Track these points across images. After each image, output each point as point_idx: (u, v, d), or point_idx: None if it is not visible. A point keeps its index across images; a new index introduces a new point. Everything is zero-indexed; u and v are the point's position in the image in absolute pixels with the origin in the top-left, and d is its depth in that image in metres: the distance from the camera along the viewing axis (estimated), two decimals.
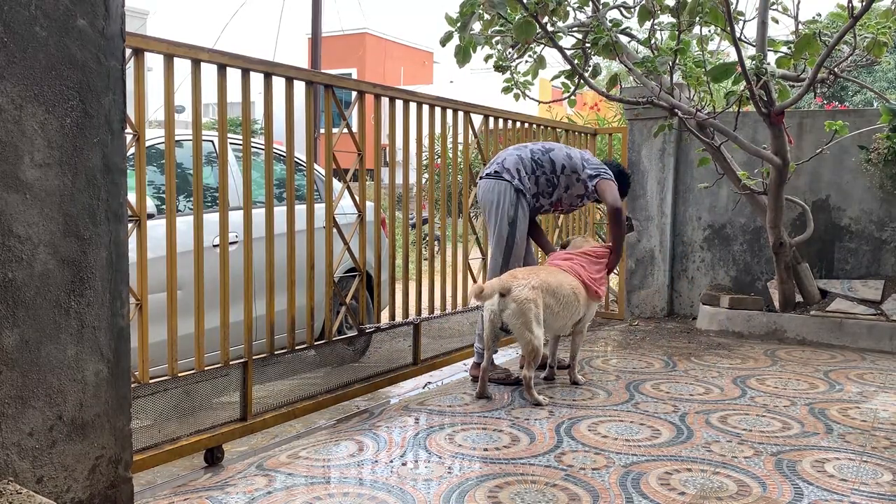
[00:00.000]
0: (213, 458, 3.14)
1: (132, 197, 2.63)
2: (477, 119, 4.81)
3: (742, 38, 4.82)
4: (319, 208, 3.68)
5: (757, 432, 3.34)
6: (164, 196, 3.19)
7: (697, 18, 4.66)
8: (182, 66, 2.91)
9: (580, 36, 5.20)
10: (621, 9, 5.21)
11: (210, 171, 4.27)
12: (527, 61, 5.26)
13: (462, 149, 4.93)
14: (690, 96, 5.40)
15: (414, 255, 4.35)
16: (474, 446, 3.14)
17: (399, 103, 4.07)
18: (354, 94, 3.81)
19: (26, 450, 1.77)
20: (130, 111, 2.46)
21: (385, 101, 3.98)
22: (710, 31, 5.06)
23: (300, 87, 3.47)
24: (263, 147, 3.38)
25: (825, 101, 12.42)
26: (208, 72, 2.99)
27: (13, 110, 1.70)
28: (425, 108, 4.30)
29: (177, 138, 3.61)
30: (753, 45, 5.02)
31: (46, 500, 1.69)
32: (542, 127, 5.53)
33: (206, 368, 3.10)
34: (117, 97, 1.96)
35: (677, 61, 4.67)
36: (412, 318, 4.27)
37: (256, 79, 3.22)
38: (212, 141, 4.01)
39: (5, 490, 1.66)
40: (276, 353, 3.42)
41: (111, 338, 1.97)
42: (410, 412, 3.66)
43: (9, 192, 1.70)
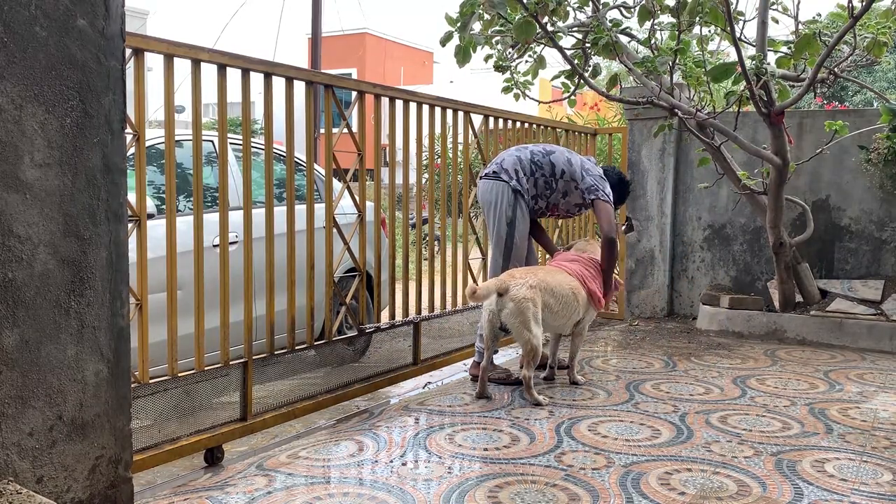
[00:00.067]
0: (213, 458, 3.14)
1: (132, 197, 2.63)
2: (477, 119, 4.80)
3: (742, 38, 4.82)
4: (319, 208, 3.68)
5: (757, 432, 3.34)
6: (164, 196, 3.19)
7: (697, 18, 4.66)
8: (182, 66, 2.91)
9: (580, 36, 5.20)
10: (621, 9, 5.20)
11: (210, 171, 4.27)
12: (527, 61, 5.26)
13: (462, 149, 4.93)
14: (690, 96, 5.40)
15: (414, 255, 4.35)
16: (474, 446, 3.14)
17: (399, 103, 4.07)
18: (354, 94, 3.81)
19: (26, 450, 1.77)
20: (130, 111, 2.46)
21: (385, 101, 3.98)
22: (710, 31, 5.06)
23: (300, 87, 3.47)
24: (263, 147, 3.38)
25: (825, 101, 12.42)
26: (208, 72, 2.99)
27: (13, 110, 1.70)
28: (425, 108, 4.29)
29: (177, 138, 3.60)
30: (753, 45, 5.02)
31: (46, 500, 1.69)
32: (542, 127, 5.53)
33: (206, 368, 3.10)
34: (117, 97, 1.96)
35: (677, 61, 4.67)
36: (412, 317, 4.27)
37: (256, 79, 3.22)
38: (212, 141, 4.01)
39: (5, 490, 1.66)
40: (276, 353, 3.42)
41: (111, 338, 1.97)
42: (410, 412, 3.66)
43: (9, 192, 1.70)
